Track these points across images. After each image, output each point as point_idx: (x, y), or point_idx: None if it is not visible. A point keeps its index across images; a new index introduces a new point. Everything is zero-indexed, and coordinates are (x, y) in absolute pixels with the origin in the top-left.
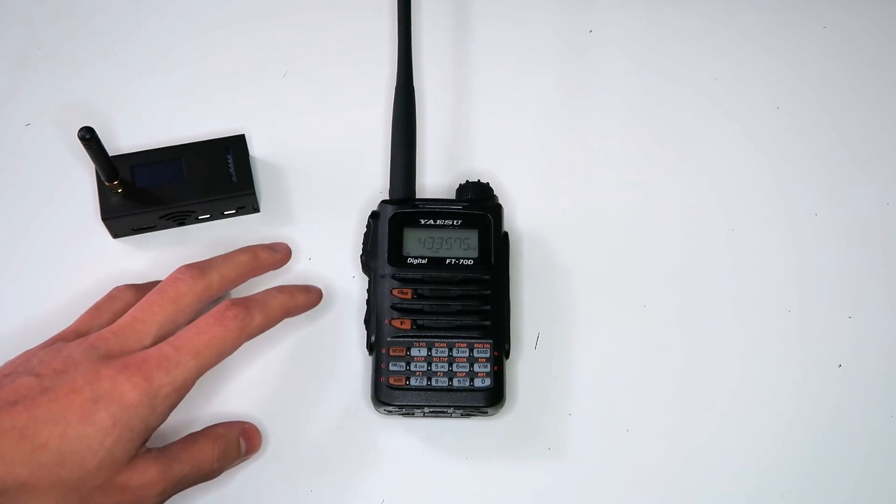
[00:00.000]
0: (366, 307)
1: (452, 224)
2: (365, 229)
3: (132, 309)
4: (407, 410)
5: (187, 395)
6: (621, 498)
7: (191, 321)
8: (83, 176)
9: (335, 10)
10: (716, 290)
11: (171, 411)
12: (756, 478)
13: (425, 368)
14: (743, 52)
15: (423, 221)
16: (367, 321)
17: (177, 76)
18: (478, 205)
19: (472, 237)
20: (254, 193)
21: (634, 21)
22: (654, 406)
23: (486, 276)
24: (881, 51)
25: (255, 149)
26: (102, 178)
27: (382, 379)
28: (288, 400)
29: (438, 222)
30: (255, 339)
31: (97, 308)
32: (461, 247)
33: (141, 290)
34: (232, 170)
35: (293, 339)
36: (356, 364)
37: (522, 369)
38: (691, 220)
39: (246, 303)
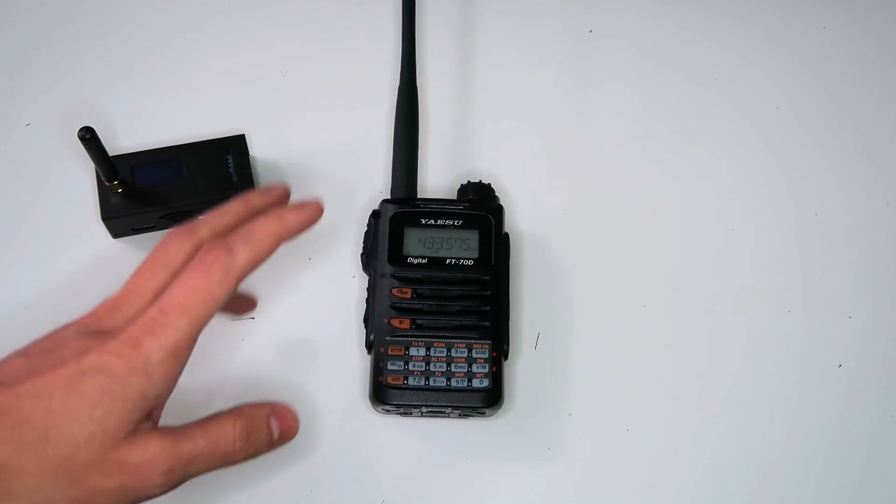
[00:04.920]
0: (365, 306)
1: (453, 224)
2: (366, 228)
3: (125, 284)
4: (405, 410)
5: (187, 396)
6: (621, 498)
7: None
8: (83, 176)
9: (337, 10)
10: (716, 290)
11: (174, 377)
12: (756, 478)
13: (423, 368)
14: (743, 52)
15: (423, 221)
16: (366, 320)
17: (177, 76)
18: (479, 205)
19: (473, 238)
20: None
21: (635, 21)
22: (654, 406)
23: (486, 277)
24: (881, 51)
25: (255, 149)
26: (102, 178)
27: (380, 378)
28: (287, 399)
29: (439, 222)
30: (254, 338)
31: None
32: (461, 247)
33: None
34: (232, 170)
35: (293, 336)
36: (355, 363)
37: (522, 369)
38: (691, 220)
39: (225, 241)
